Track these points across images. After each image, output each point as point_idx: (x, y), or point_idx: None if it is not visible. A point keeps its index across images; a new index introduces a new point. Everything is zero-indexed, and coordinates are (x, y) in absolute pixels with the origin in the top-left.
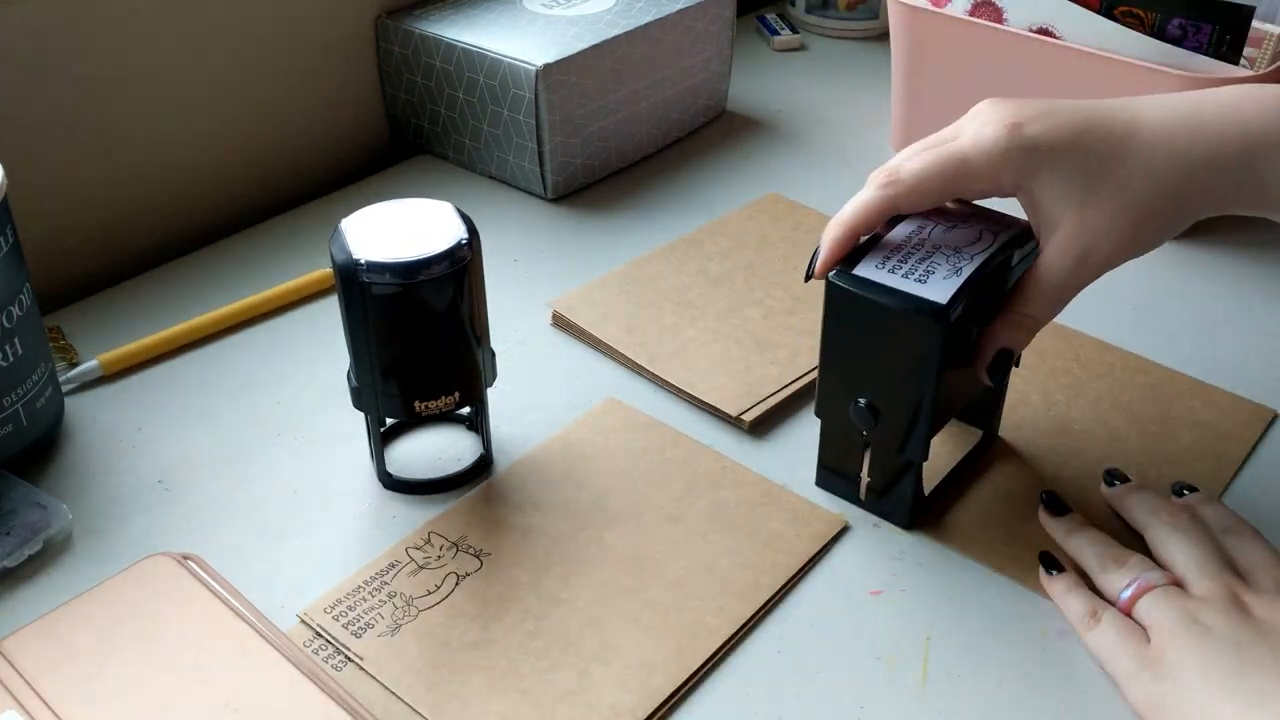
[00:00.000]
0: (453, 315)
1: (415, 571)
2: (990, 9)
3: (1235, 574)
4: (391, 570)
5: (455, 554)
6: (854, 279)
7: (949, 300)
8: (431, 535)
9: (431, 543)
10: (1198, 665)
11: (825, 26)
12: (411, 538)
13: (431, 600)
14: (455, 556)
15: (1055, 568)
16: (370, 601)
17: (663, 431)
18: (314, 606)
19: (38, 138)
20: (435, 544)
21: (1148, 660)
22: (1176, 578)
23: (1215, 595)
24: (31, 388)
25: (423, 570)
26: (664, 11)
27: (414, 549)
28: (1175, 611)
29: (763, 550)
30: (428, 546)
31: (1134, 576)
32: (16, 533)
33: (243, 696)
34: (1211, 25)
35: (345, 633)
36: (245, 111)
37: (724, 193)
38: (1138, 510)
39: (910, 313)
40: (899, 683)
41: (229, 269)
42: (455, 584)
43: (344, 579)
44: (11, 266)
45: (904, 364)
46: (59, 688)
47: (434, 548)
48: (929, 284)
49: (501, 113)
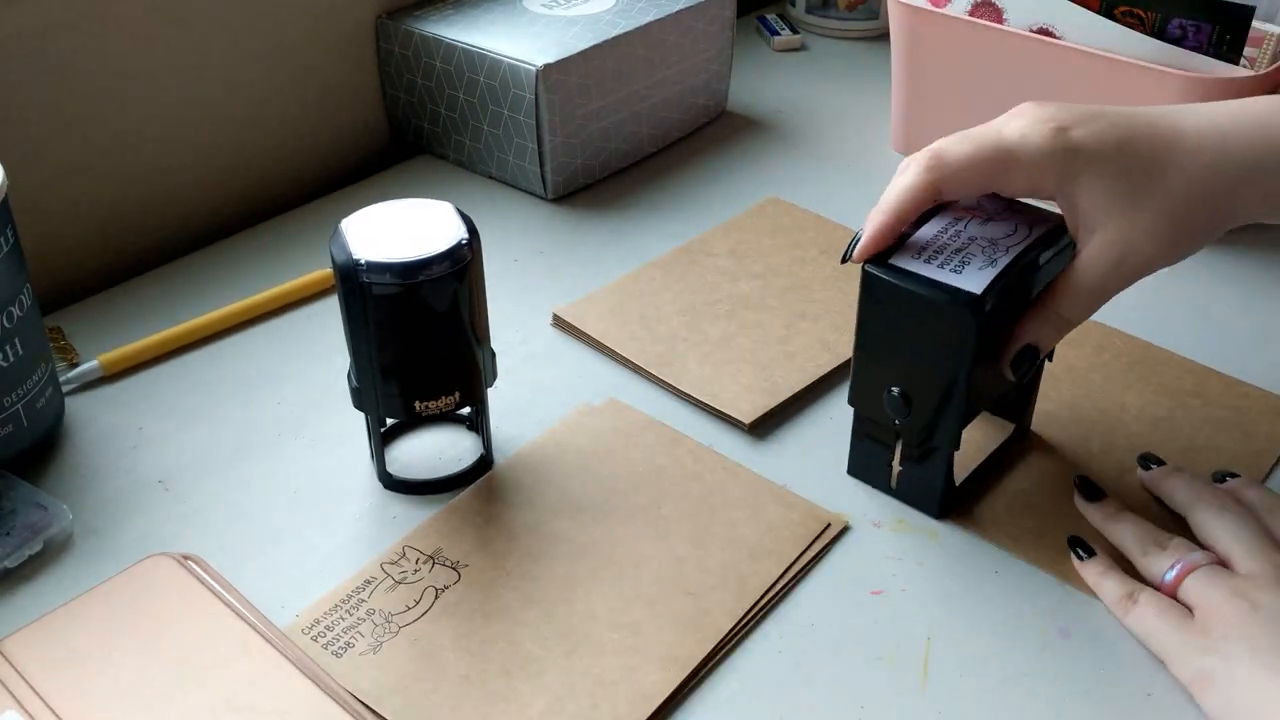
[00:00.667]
0: (453, 315)
1: (393, 587)
2: (990, 9)
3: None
4: (368, 587)
5: (432, 567)
6: (890, 268)
7: (984, 291)
8: (406, 549)
9: (407, 557)
10: (1246, 640)
11: (825, 27)
12: (386, 554)
13: (411, 616)
14: (432, 569)
15: (1087, 552)
16: (349, 620)
17: (662, 431)
18: (291, 628)
19: (38, 138)
20: (410, 558)
21: (1194, 634)
22: (1220, 557)
23: (1263, 573)
24: (32, 388)
25: (400, 585)
26: (664, 12)
27: (389, 564)
28: (1223, 588)
29: (761, 547)
30: (403, 561)
31: (1177, 558)
32: (17, 533)
33: (243, 696)
34: (1211, 25)
35: (325, 654)
36: (246, 111)
37: (724, 193)
38: (1180, 492)
39: (945, 303)
40: (899, 683)
41: (229, 269)
42: (435, 598)
43: (319, 597)
44: (12, 266)
45: (937, 354)
46: (59, 688)
47: (409, 562)
48: (964, 274)
49: (502, 113)
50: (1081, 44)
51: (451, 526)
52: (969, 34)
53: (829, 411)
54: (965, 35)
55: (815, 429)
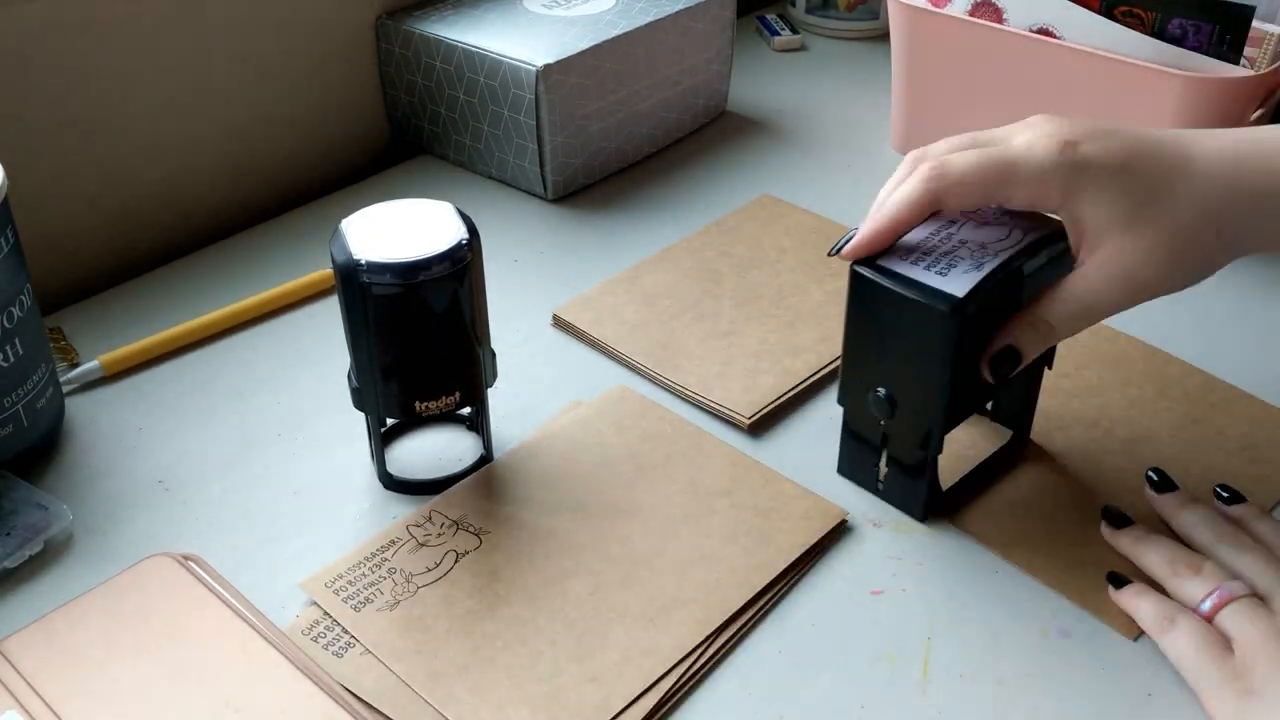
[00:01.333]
0: (453, 315)
1: (415, 549)
2: (990, 9)
3: None
4: (392, 547)
5: (456, 532)
6: (877, 268)
7: (966, 294)
8: (433, 513)
9: (432, 520)
10: None
11: (825, 27)
12: (412, 515)
13: (431, 577)
14: (456, 534)
15: (1123, 582)
16: (370, 577)
17: (666, 418)
18: (314, 580)
19: (38, 138)
20: (436, 521)
21: (1234, 673)
22: (1255, 590)
23: None
24: (32, 388)
25: (423, 548)
26: (664, 12)
27: (414, 526)
28: (1264, 625)
29: (763, 538)
30: (428, 524)
31: (1214, 585)
32: (17, 533)
33: (243, 696)
34: (1212, 25)
35: (344, 607)
36: (246, 112)
37: (724, 193)
38: (1197, 533)
39: (926, 304)
40: (899, 683)
41: (230, 269)
42: (455, 561)
43: (344, 555)
44: (12, 267)
45: (920, 356)
46: (60, 688)
47: (434, 525)
48: (949, 277)
49: (502, 113)
50: (1081, 44)
51: (479, 495)
52: (969, 34)
53: (828, 410)
54: (965, 35)
55: (813, 428)
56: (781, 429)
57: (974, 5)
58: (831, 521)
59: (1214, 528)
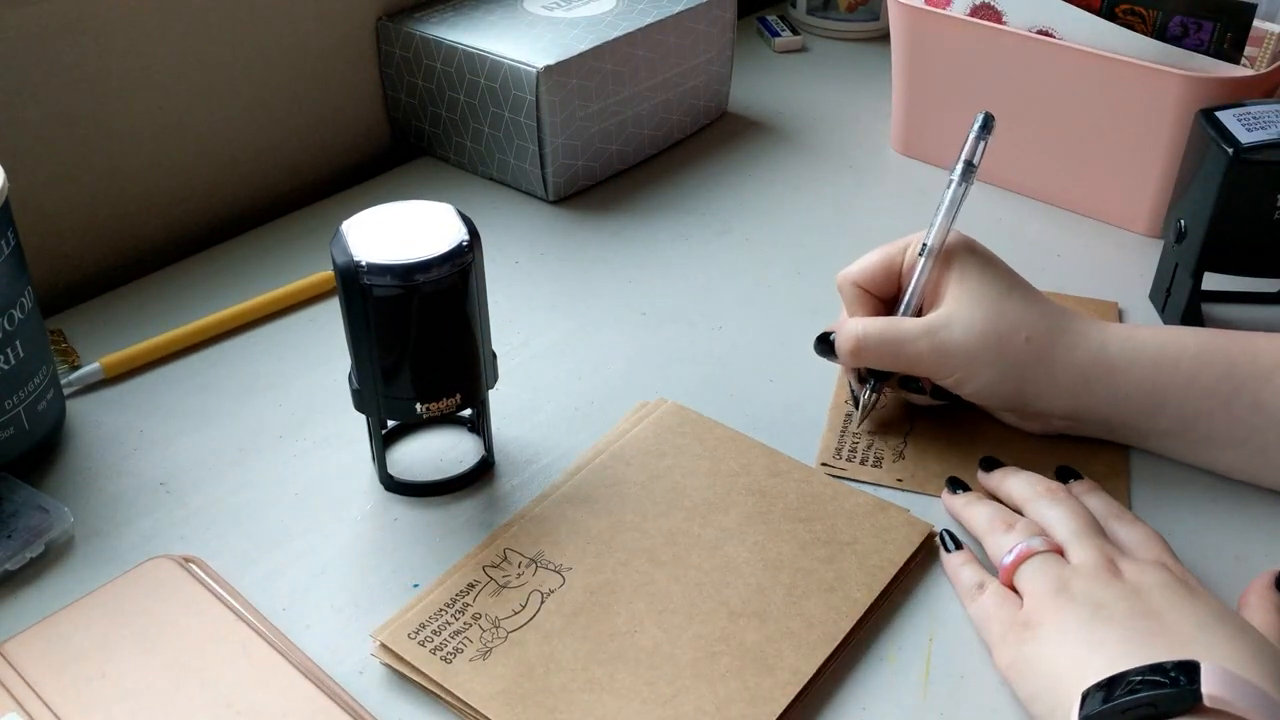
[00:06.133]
0: (454, 317)
1: (496, 591)
2: (990, 10)
3: (1113, 544)
4: (471, 591)
5: (535, 570)
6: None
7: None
8: (508, 552)
9: (509, 560)
10: (1056, 625)
11: (826, 28)
12: (485, 555)
13: (520, 620)
14: (536, 573)
15: (954, 544)
16: (455, 625)
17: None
18: (394, 631)
19: (38, 139)
20: (513, 561)
21: (1016, 625)
22: (1059, 545)
23: (1091, 562)
24: (33, 390)
25: (504, 590)
26: (665, 13)
27: (490, 567)
28: (1049, 578)
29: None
30: (505, 565)
31: (1017, 541)
32: (18, 535)
33: (244, 698)
34: (1212, 24)
35: (434, 659)
36: (246, 114)
37: (725, 194)
38: (1016, 488)
39: None
40: (900, 683)
41: (230, 272)
42: (540, 602)
43: (421, 601)
44: (13, 269)
45: None
46: (61, 690)
47: (512, 565)
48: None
49: (502, 115)
50: (1081, 44)
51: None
52: (969, 34)
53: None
54: (965, 36)
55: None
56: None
57: (974, 6)
58: (918, 537)
59: (1033, 485)
